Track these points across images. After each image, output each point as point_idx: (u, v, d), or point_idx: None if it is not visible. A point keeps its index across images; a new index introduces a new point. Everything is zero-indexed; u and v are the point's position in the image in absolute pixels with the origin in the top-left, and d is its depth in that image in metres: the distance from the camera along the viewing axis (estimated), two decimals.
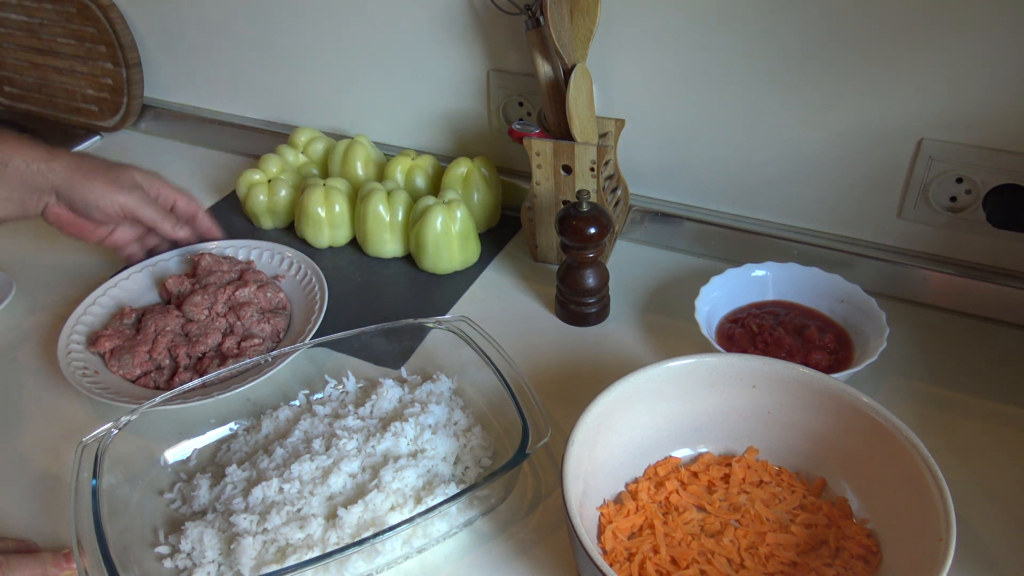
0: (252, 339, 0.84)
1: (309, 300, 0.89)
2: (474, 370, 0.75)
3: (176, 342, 0.83)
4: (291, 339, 0.86)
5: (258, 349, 0.83)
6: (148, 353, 0.82)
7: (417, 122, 1.09)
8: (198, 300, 0.86)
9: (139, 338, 0.84)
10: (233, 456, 0.72)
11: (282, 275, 0.94)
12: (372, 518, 0.64)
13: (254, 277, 0.90)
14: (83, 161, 0.87)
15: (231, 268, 0.91)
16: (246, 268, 0.93)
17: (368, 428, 0.72)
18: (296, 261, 0.94)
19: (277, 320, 0.87)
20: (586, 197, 0.82)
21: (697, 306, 0.81)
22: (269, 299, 0.89)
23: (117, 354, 0.82)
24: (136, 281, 0.92)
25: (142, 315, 0.87)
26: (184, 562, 0.64)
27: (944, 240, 0.87)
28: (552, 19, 0.81)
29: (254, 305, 0.87)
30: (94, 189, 0.85)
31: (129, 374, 0.81)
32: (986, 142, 0.79)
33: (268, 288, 0.90)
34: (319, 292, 0.89)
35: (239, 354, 0.83)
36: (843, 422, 0.65)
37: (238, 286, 0.88)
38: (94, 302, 0.89)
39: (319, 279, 0.90)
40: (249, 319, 0.86)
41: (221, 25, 1.15)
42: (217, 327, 0.85)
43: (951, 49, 0.76)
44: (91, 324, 0.87)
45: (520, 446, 0.65)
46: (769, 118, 0.88)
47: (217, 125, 1.24)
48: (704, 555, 0.62)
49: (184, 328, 0.85)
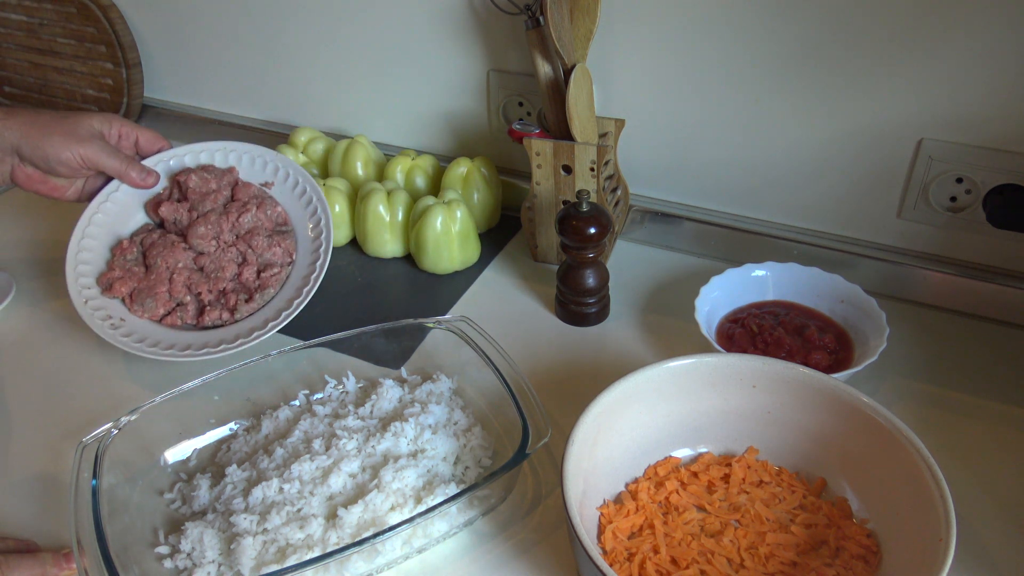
0: (271, 268, 0.86)
1: (309, 212, 0.89)
2: (474, 370, 0.75)
3: (193, 279, 0.84)
4: (304, 258, 0.87)
5: (278, 276, 0.85)
6: (168, 292, 0.83)
7: (417, 122, 1.09)
8: (203, 231, 0.85)
9: (153, 278, 0.84)
10: (233, 456, 0.72)
11: (270, 182, 0.92)
12: (372, 518, 0.64)
13: (246, 192, 0.89)
14: (39, 116, 0.84)
15: (219, 184, 0.89)
16: (234, 182, 0.91)
17: (368, 428, 0.72)
18: (281, 166, 0.92)
19: (285, 241, 0.88)
20: (586, 197, 0.82)
21: (697, 306, 0.81)
22: (270, 216, 0.89)
23: (137, 298, 0.83)
24: (118, 202, 0.89)
25: (144, 249, 0.87)
26: (184, 562, 0.64)
27: (944, 240, 0.87)
28: (552, 19, 0.81)
29: (260, 229, 0.87)
30: (53, 143, 0.82)
31: (154, 315, 0.82)
32: (986, 142, 0.79)
33: (266, 205, 0.89)
34: (316, 200, 0.89)
35: (261, 285, 0.84)
36: (843, 422, 0.65)
37: (239, 211, 0.87)
38: (83, 235, 0.87)
39: (310, 184, 0.90)
40: (260, 245, 0.86)
41: (221, 25, 1.15)
42: (230, 258, 0.86)
43: (951, 49, 0.76)
44: (92, 261, 0.86)
45: (520, 446, 0.65)
46: (769, 118, 0.88)
47: (217, 125, 1.24)
48: (704, 555, 0.62)
49: (197, 262, 0.86)
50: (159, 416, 0.72)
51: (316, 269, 0.85)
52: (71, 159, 0.83)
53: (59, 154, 0.82)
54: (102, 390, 0.83)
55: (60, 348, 0.88)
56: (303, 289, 0.84)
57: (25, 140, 0.82)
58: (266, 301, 0.84)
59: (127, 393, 0.81)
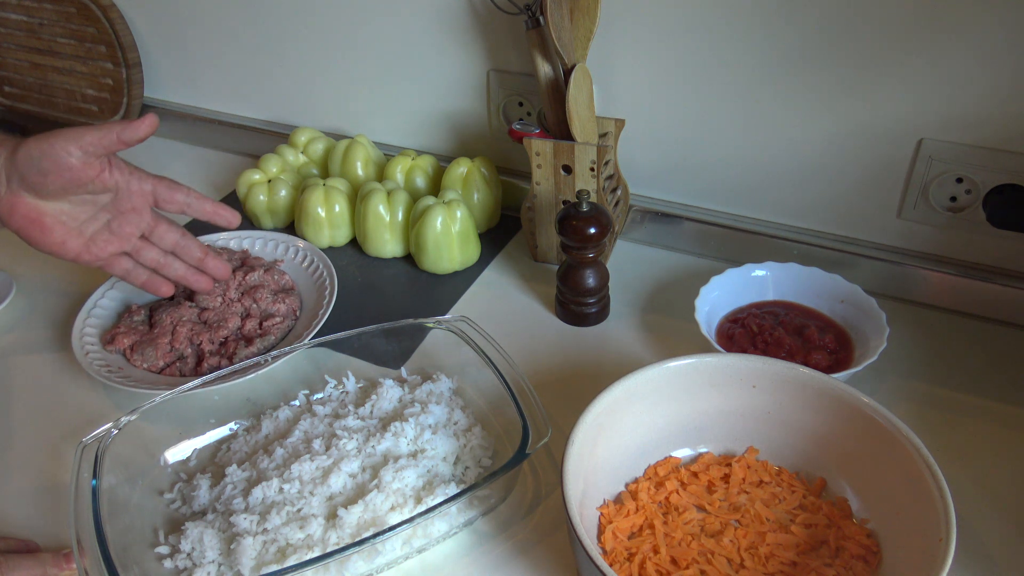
0: (272, 317, 0.85)
1: (316, 281, 0.91)
2: (474, 370, 0.75)
3: (196, 330, 0.84)
4: (308, 317, 0.87)
5: (280, 326, 0.85)
6: (170, 344, 0.83)
7: (417, 122, 1.09)
8: (210, 289, 0.86)
9: (157, 331, 0.84)
10: (233, 456, 0.72)
11: (280, 259, 0.95)
12: (372, 518, 0.64)
13: (256, 262, 0.91)
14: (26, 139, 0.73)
15: (231, 257, 0.92)
16: (245, 256, 0.93)
17: (368, 428, 0.72)
18: (292, 246, 0.96)
19: (290, 299, 0.88)
20: (586, 197, 0.82)
21: (697, 306, 0.81)
22: (277, 281, 0.90)
23: (138, 349, 0.82)
24: None
25: (152, 311, 0.87)
26: (184, 562, 0.64)
27: (944, 240, 0.87)
28: (552, 19, 0.81)
29: (266, 287, 0.88)
30: (54, 137, 0.71)
31: (153, 367, 0.82)
32: (986, 142, 0.79)
33: (274, 271, 0.91)
34: (325, 272, 0.91)
35: (263, 333, 0.84)
36: (843, 422, 0.65)
37: (246, 271, 0.89)
38: (95, 304, 0.88)
39: (322, 260, 0.92)
40: (264, 300, 0.87)
41: (221, 25, 1.15)
42: (234, 311, 0.86)
43: (951, 49, 0.76)
44: (99, 326, 0.86)
45: (520, 446, 0.65)
46: (769, 118, 0.88)
47: (217, 125, 1.24)
48: (704, 555, 0.62)
49: (201, 316, 0.86)
50: (159, 416, 0.72)
51: (319, 316, 0.85)
52: (87, 144, 0.72)
53: (67, 143, 0.71)
54: (102, 390, 0.83)
55: (60, 348, 0.88)
56: (304, 334, 0.83)
57: (16, 147, 0.72)
58: (267, 347, 0.84)
59: (127, 393, 0.81)
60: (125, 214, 0.78)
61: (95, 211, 0.77)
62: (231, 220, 0.82)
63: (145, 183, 0.78)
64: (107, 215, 0.77)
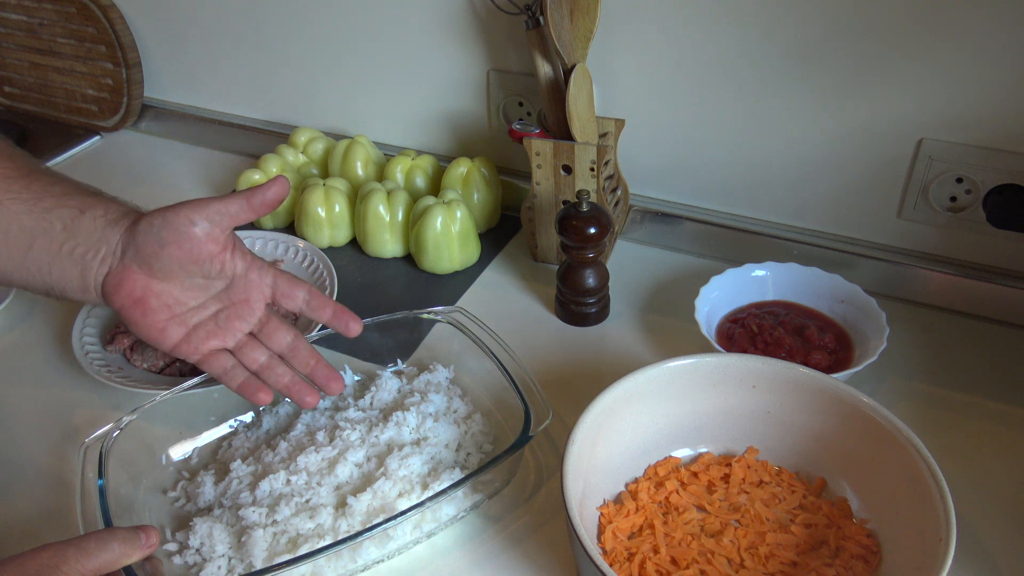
0: None
1: (316, 281, 0.91)
2: (471, 359, 0.76)
3: None
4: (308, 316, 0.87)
5: None
6: None
7: (417, 122, 1.09)
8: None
9: None
10: (235, 452, 0.73)
11: (280, 259, 0.95)
12: (381, 505, 0.65)
13: None
14: None
15: None
16: None
17: (370, 419, 0.73)
18: (292, 246, 0.96)
19: None
20: (586, 197, 0.82)
21: (697, 306, 0.81)
22: None
23: (138, 348, 0.82)
24: None
25: None
26: (194, 557, 0.64)
27: (944, 240, 0.87)
28: (552, 19, 0.81)
29: None
30: (178, 207, 0.66)
31: (153, 367, 0.82)
32: (986, 142, 0.79)
33: None
34: (325, 272, 0.91)
35: None
36: (843, 422, 0.65)
37: None
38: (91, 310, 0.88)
39: (323, 260, 0.92)
40: None
41: (221, 25, 1.15)
42: None
43: (951, 49, 0.76)
44: (99, 325, 0.86)
45: (523, 428, 0.66)
46: (769, 118, 0.88)
47: (217, 125, 1.24)
48: (704, 555, 0.62)
49: None
50: (160, 415, 0.72)
51: None
52: (213, 216, 0.67)
53: (192, 214, 0.66)
54: (102, 390, 0.83)
55: (60, 348, 0.88)
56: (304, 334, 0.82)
57: (141, 217, 0.66)
58: None
59: (127, 393, 0.81)
60: (236, 305, 0.70)
61: (205, 299, 0.70)
62: (354, 328, 0.73)
63: (266, 275, 0.71)
64: (217, 306, 0.70)
